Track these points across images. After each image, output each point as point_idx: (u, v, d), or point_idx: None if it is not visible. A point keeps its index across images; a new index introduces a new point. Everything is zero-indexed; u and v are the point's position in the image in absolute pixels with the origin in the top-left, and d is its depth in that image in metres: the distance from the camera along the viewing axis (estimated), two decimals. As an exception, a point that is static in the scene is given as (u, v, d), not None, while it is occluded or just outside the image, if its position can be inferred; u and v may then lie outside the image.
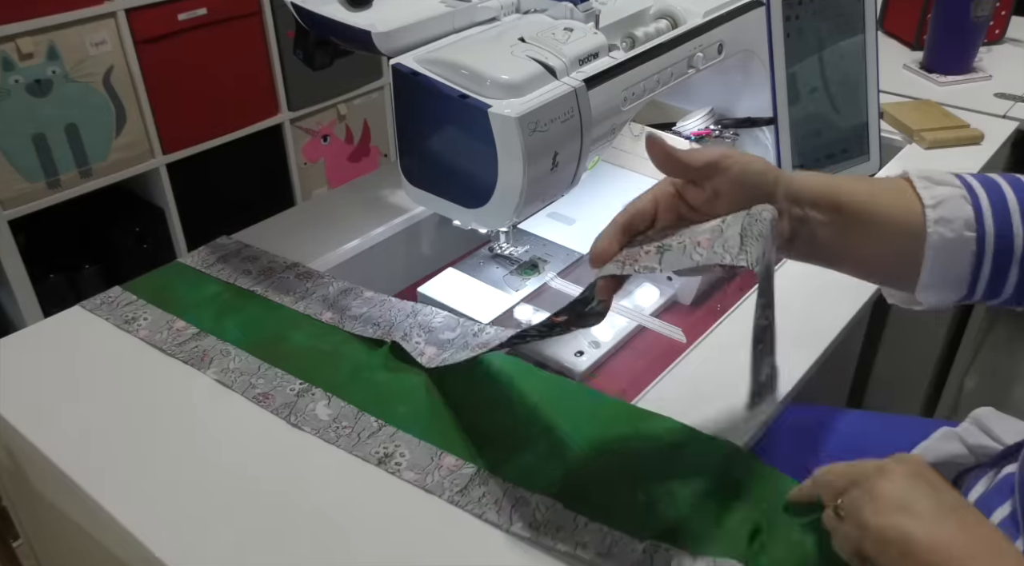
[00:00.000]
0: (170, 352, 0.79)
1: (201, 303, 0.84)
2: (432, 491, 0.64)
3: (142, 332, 0.81)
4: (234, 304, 0.84)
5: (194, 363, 0.77)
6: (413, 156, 0.78)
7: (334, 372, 0.75)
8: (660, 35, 0.83)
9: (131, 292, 0.86)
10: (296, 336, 0.79)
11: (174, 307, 0.84)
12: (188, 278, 0.88)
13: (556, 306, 0.91)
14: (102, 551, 0.71)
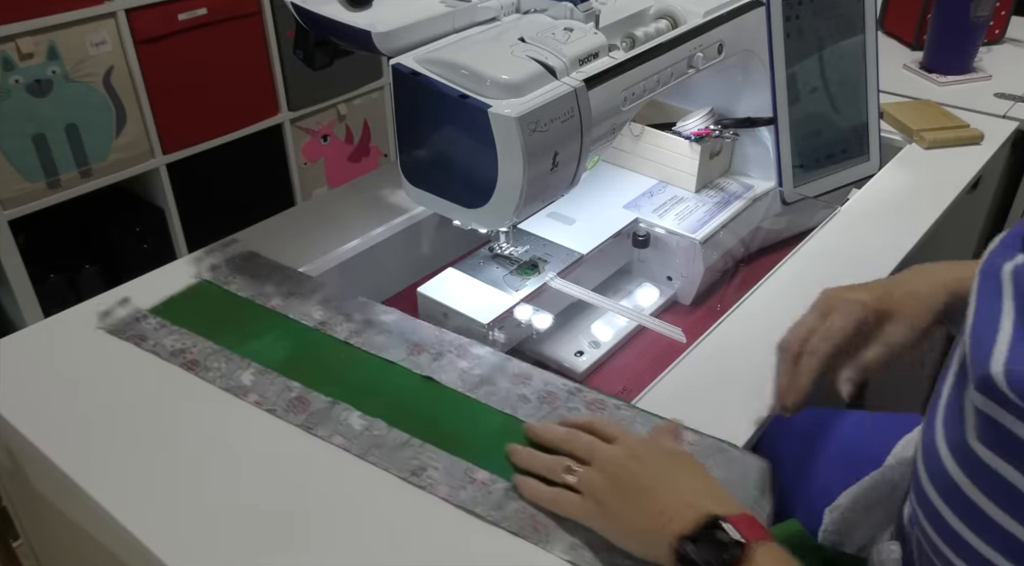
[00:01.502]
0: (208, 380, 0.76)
1: (238, 328, 0.82)
2: (465, 506, 0.63)
3: (201, 372, 0.77)
4: (261, 326, 0.82)
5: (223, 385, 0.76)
6: (413, 156, 0.78)
7: (357, 383, 0.75)
8: (660, 35, 0.83)
9: (164, 318, 0.83)
10: (319, 353, 0.79)
11: (217, 335, 0.80)
12: (216, 300, 0.86)
13: (556, 306, 0.92)
14: (102, 551, 0.71)
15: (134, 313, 0.84)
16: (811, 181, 1.08)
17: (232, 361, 0.77)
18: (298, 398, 0.73)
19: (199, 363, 0.77)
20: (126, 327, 0.82)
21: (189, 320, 0.82)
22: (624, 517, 0.57)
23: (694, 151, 1.02)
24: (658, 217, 1.00)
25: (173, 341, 0.80)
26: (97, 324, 0.82)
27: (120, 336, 0.81)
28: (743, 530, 0.51)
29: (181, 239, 1.92)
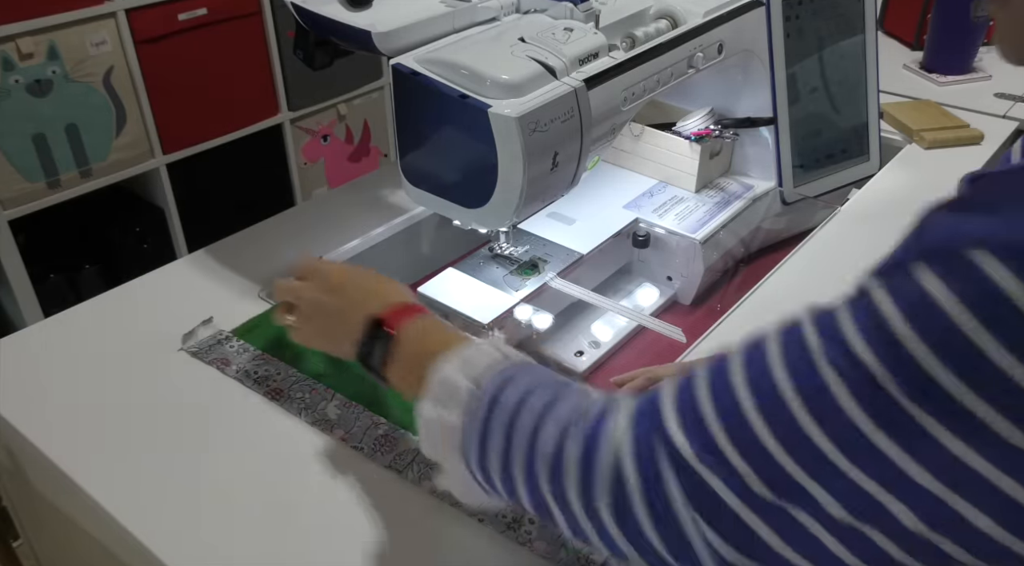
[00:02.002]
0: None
1: None
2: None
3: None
4: None
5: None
6: (413, 156, 0.78)
7: None
8: (660, 35, 0.83)
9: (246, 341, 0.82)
10: None
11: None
12: None
13: (556, 306, 0.92)
14: (102, 551, 0.71)
15: (216, 334, 0.82)
16: (811, 181, 1.08)
17: (316, 391, 0.75)
18: (385, 436, 0.71)
19: (285, 393, 0.75)
20: (210, 350, 0.80)
21: (270, 344, 0.80)
22: (330, 340, 0.66)
23: (694, 151, 1.02)
24: (658, 217, 1.00)
25: (256, 366, 0.78)
26: (179, 346, 0.81)
27: (203, 359, 0.79)
28: (394, 320, 0.59)
29: (181, 239, 1.92)
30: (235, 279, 0.90)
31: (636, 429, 0.44)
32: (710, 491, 0.40)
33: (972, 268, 0.33)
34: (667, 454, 0.42)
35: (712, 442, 0.41)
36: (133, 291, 0.90)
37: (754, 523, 0.40)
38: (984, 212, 0.34)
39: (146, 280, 0.92)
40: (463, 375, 0.52)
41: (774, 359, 0.40)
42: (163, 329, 0.82)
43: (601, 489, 0.44)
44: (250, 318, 0.84)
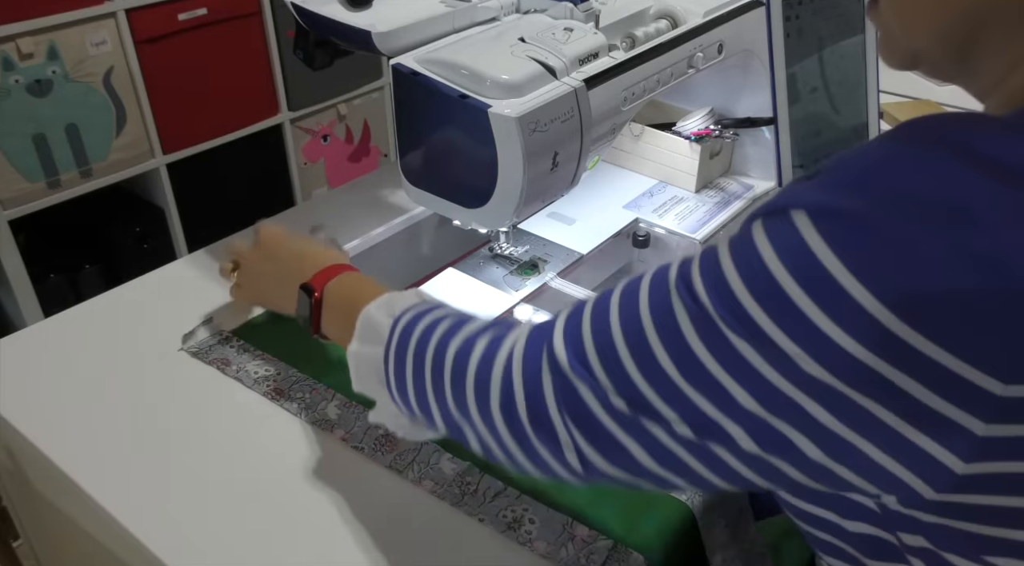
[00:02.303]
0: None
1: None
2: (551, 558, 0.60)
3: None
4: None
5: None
6: (413, 156, 0.78)
7: None
8: (660, 35, 0.83)
9: (246, 341, 0.82)
10: None
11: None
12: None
13: (556, 306, 0.92)
14: (102, 551, 0.71)
15: (216, 334, 0.82)
16: (811, 181, 1.08)
17: (317, 391, 0.75)
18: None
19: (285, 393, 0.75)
20: (210, 350, 0.80)
21: (271, 344, 0.80)
22: (270, 303, 0.76)
23: (694, 151, 1.02)
24: (658, 217, 1.00)
25: (257, 366, 0.78)
26: (179, 346, 0.81)
27: (203, 359, 0.79)
28: (318, 282, 0.66)
29: (181, 239, 1.92)
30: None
31: (530, 338, 0.50)
32: (579, 399, 0.45)
33: (790, 224, 0.38)
34: (547, 360, 0.47)
35: (584, 354, 0.46)
36: (133, 291, 0.90)
37: (616, 432, 0.44)
38: (817, 181, 0.39)
39: (146, 280, 0.92)
40: (384, 313, 0.59)
41: (643, 289, 0.45)
42: (163, 329, 0.82)
43: (493, 393, 0.50)
44: (250, 318, 0.84)
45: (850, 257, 0.36)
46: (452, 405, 0.53)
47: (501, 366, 0.50)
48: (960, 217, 0.35)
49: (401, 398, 0.57)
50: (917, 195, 0.36)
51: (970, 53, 0.44)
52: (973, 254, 0.34)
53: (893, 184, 0.37)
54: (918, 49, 0.47)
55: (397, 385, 0.57)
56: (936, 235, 0.35)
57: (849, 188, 0.37)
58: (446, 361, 0.53)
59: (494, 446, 0.51)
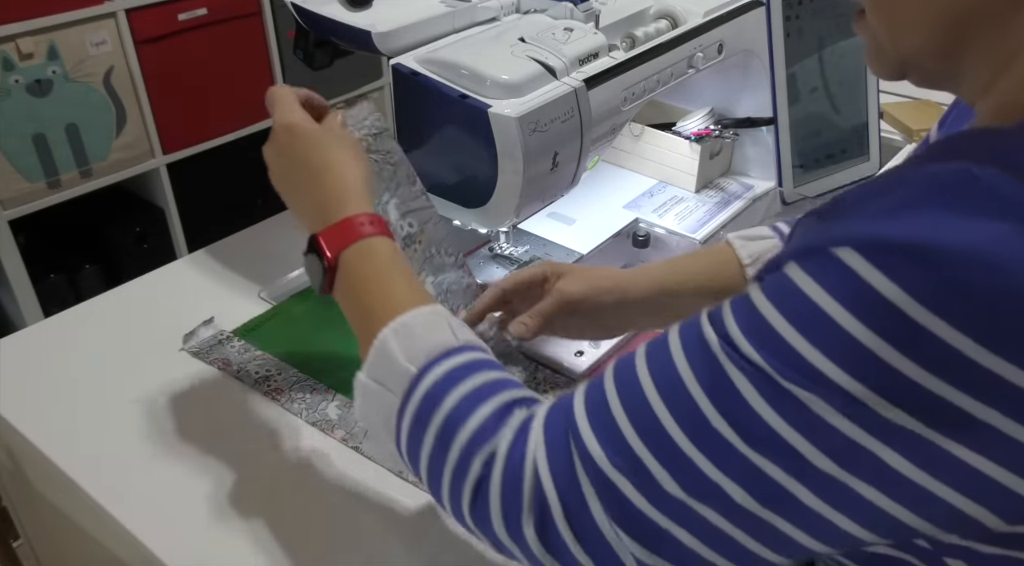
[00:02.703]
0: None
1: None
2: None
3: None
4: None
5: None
6: (413, 156, 0.78)
7: None
8: (660, 35, 0.83)
9: (248, 341, 0.81)
10: None
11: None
12: (299, 323, 0.84)
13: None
14: (102, 551, 0.71)
15: (217, 334, 0.82)
16: (811, 181, 1.08)
17: (317, 391, 0.75)
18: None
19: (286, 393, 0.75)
20: (211, 350, 0.80)
21: (272, 344, 0.80)
22: (291, 210, 0.62)
23: (694, 151, 1.02)
24: (658, 217, 1.00)
25: (257, 366, 0.78)
26: (179, 346, 0.80)
27: (204, 359, 0.79)
28: (331, 244, 0.56)
29: (181, 239, 1.92)
30: (235, 279, 0.90)
31: (549, 438, 0.45)
32: (626, 499, 0.41)
33: (838, 263, 0.36)
34: (581, 460, 0.43)
35: (625, 445, 0.42)
36: (133, 291, 0.90)
37: (665, 523, 0.41)
38: (847, 215, 0.37)
39: (146, 280, 0.92)
40: (403, 355, 0.50)
41: (676, 352, 0.41)
42: (163, 329, 0.82)
43: (526, 511, 0.44)
44: (251, 318, 0.84)
45: (914, 288, 0.34)
46: (469, 518, 0.48)
47: (531, 483, 0.45)
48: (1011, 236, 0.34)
49: (411, 464, 0.51)
50: (973, 217, 0.35)
51: (958, 58, 0.44)
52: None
53: (936, 206, 0.35)
54: (906, 57, 0.46)
55: (409, 451, 0.50)
56: (1006, 252, 0.34)
57: (897, 221, 0.36)
58: (471, 466, 0.47)
59: (521, 556, 0.47)
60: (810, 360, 0.36)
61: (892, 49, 0.47)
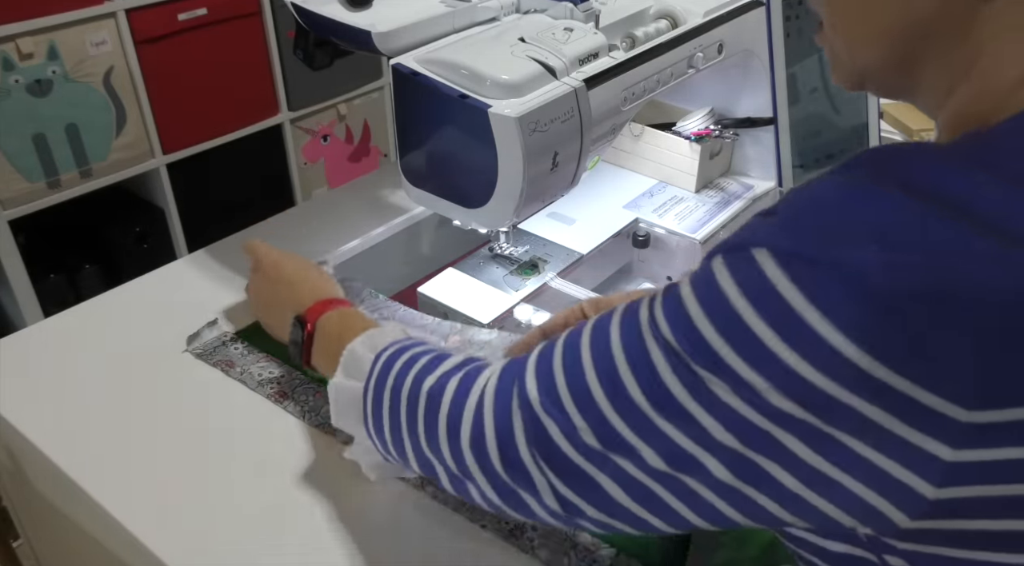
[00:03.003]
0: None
1: None
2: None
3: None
4: None
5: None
6: (413, 156, 0.78)
7: None
8: (660, 35, 0.83)
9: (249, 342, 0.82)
10: None
11: None
12: None
13: (556, 306, 0.92)
14: (102, 551, 0.71)
15: (221, 336, 0.82)
16: (811, 181, 1.08)
17: (321, 394, 0.75)
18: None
19: (289, 396, 0.75)
20: (214, 351, 0.80)
21: (275, 347, 0.80)
22: (274, 328, 0.76)
23: (694, 151, 1.02)
24: (658, 217, 1.00)
25: (261, 368, 0.78)
26: (183, 348, 0.80)
27: (207, 361, 0.79)
28: (311, 316, 0.68)
29: (181, 239, 1.92)
30: (235, 279, 0.90)
31: (502, 376, 0.51)
32: (549, 437, 0.46)
33: (752, 261, 0.39)
34: (518, 398, 0.48)
35: (555, 391, 0.46)
36: (133, 291, 0.90)
37: (588, 469, 0.45)
38: (776, 220, 0.40)
39: (146, 280, 0.92)
40: (367, 348, 0.60)
41: (614, 327, 0.45)
42: (162, 329, 0.82)
43: (464, 431, 0.50)
44: (253, 320, 0.83)
45: (812, 293, 0.37)
46: (424, 442, 0.54)
47: (473, 404, 0.51)
48: (907, 249, 0.36)
49: (377, 434, 0.58)
50: (865, 231, 0.37)
51: (915, 70, 0.45)
52: (924, 285, 0.35)
53: (845, 220, 0.37)
54: (864, 68, 0.48)
55: (374, 420, 0.57)
56: (886, 268, 0.36)
57: (806, 228, 0.38)
58: (420, 397, 0.54)
59: (469, 486, 0.52)
60: (715, 348, 0.39)
61: (849, 61, 0.48)
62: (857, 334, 0.36)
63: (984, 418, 0.35)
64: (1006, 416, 0.35)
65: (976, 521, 0.38)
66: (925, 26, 0.43)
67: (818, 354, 0.37)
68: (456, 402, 0.52)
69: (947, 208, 0.36)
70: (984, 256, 0.35)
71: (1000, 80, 0.42)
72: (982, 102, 0.43)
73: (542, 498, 0.48)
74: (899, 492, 0.38)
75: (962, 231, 0.36)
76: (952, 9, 0.42)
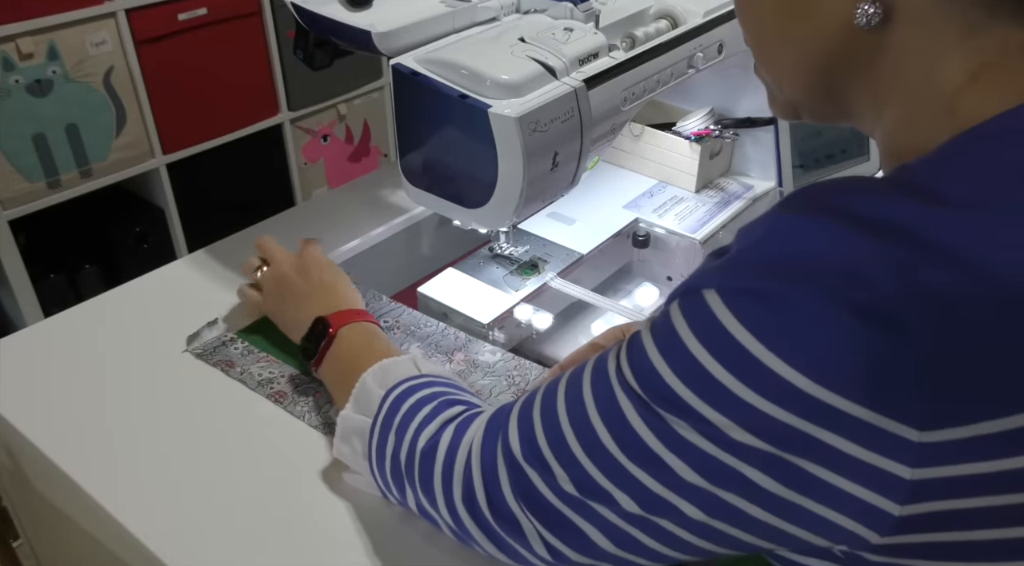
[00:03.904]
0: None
1: None
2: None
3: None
4: None
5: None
6: (413, 156, 0.78)
7: None
8: (660, 35, 0.83)
9: (250, 342, 0.81)
10: None
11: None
12: None
13: (556, 306, 0.92)
14: (102, 551, 0.71)
15: (221, 336, 0.81)
16: (811, 181, 1.08)
17: (321, 394, 0.74)
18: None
19: (289, 396, 0.75)
20: (214, 351, 0.80)
21: (275, 346, 0.80)
22: (285, 320, 0.77)
23: (694, 151, 1.02)
24: (658, 217, 1.00)
25: (261, 369, 0.78)
26: (183, 348, 0.80)
27: (207, 361, 0.79)
28: (336, 321, 0.70)
29: (181, 239, 1.92)
30: (235, 279, 0.90)
31: (487, 430, 0.52)
32: (532, 486, 0.48)
33: (702, 302, 0.40)
34: (502, 451, 0.50)
35: (535, 442, 0.48)
36: (133, 291, 0.90)
37: (571, 516, 0.46)
38: (724, 260, 0.41)
39: (146, 280, 0.92)
40: (378, 383, 0.61)
41: (586, 377, 0.47)
42: (162, 329, 0.82)
43: (456, 486, 0.53)
44: (254, 320, 0.84)
45: (758, 329, 0.38)
46: (422, 496, 0.56)
47: (463, 459, 0.53)
48: (847, 276, 0.36)
49: (380, 475, 0.60)
50: (805, 262, 0.38)
51: (838, 99, 0.48)
52: (865, 311, 0.36)
53: (783, 253, 0.38)
54: (794, 100, 0.51)
55: (377, 460, 0.59)
56: (828, 297, 0.36)
57: (747, 265, 0.40)
58: (417, 452, 0.56)
59: (464, 537, 0.54)
60: (675, 390, 0.40)
61: (780, 94, 0.51)
62: (805, 364, 0.37)
63: (937, 437, 0.36)
64: (959, 434, 0.36)
65: (950, 533, 0.38)
66: (837, 58, 0.45)
67: (770, 387, 0.38)
68: (448, 458, 0.54)
69: (889, 234, 0.37)
70: (927, 282, 0.36)
71: (920, 102, 0.44)
72: (910, 125, 0.45)
73: (532, 547, 0.49)
74: (865, 512, 0.38)
75: (908, 255, 0.36)
76: (856, 42, 0.44)
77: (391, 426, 0.58)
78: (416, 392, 0.60)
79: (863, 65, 0.45)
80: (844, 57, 0.45)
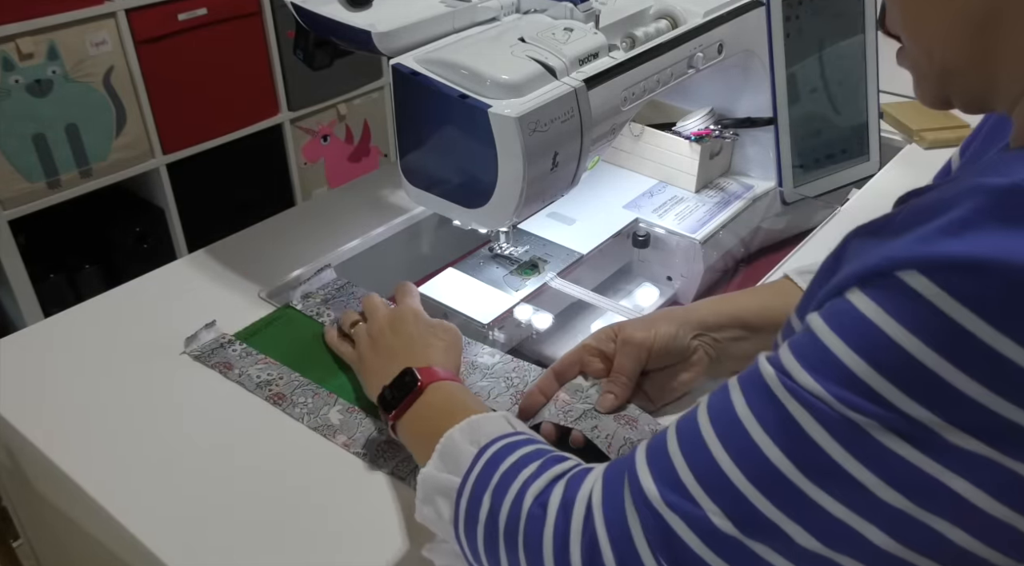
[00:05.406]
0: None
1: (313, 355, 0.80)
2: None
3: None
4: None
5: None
6: (413, 156, 0.78)
7: None
8: (660, 35, 0.83)
9: (249, 344, 0.81)
10: None
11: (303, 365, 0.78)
12: (300, 329, 0.83)
13: (556, 306, 0.92)
14: (102, 551, 0.71)
15: (219, 338, 0.81)
16: (811, 181, 1.08)
17: (319, 396, 0.75)
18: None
19: (287, 398, 0.74)
20: (212, 353, 0.80)
21: (273, 348, 0.80)
22: (373, 372, 0.70)
23: (694, 151, 1.02)
24: (658, 217, 1.00)
25: (259, 370, 0.78)
26: (182, 349, 0.80)
27: (205, 362, 0.78)
28: (424, 376, 0.63)
29: (181, 239, 1.92)
30: (235, 280, 0.90)
31: (607, 478, 0.46)
32: (674, 534, 0.41)
33: (904, 287, 0.35)
34: (631, 497, 0.43)
35: (677, 481, 0.41)
36: (133, 291, 0.90)
37: (715, 562, 0.40)
38: (904, 235, 0.36)
39: (146, 280, 0.92)
40: (468, 440, 0.55)
41: (735, 395, 0.41)
42: (163, 330, 0.82)
43: (574, 548, 0.45)
44: (252, 322, 0.83)
45: (985, 309, 0.33)
46: (525, 561, 0.48)
47: (580, 515, 0.45)
48: None
49: (468, 542, 0.52)
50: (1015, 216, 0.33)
51: (990, 63, 0.43)
52: None
53: (995, 239, 0.34)
54: (941, 70, 0.46)
55: (467, 524, 0.51)
56: None
57: (947, 232, 0.34)
58: (523, 507, 0.48)
59: None
60: (871, 384, 0.35)
61: (928, 65, 0.47)
62: None
63: None
64: None
65: None
66: (992, 17, 0.41)
67: (988, 368, 0.33)
68: (562, 516, 0.46)
69: None
70: None
71: None
72: None
73: None
74: None
75: None
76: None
77: (487, 485, 0.50)
78: (518, 448, 0.52)
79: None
80: (1003, 13, 0.41)
